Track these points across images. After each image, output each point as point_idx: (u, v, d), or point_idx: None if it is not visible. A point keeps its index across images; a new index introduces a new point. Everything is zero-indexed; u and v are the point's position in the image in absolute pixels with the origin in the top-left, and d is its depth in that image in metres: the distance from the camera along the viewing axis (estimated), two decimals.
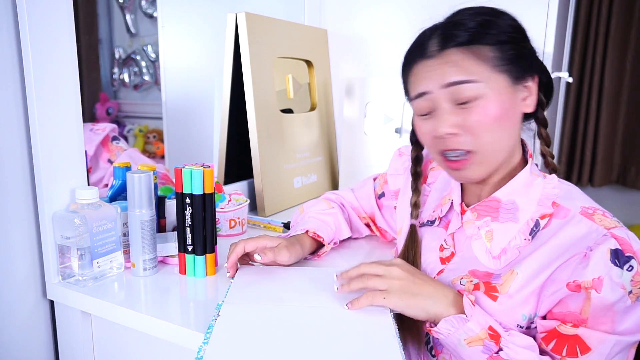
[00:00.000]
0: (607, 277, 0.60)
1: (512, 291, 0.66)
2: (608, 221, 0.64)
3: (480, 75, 0.65)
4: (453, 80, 0.65)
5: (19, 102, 0.79)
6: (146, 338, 0.76)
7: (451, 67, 0.66)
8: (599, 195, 2.25)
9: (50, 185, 0.80)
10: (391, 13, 1.45)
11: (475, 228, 0.72)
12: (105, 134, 1.18)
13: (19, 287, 0.82)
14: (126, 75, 2.59)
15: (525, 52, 0.69)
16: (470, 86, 0.65)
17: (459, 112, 0.66)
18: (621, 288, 0.60)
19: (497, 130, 0.66)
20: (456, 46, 0.66)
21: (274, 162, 1.30)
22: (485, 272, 0.70)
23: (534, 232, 0.68)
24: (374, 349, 0.59)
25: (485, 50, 0.65)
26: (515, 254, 0.68)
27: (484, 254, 0.71)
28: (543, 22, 1.22)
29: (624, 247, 0.61)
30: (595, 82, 2.01)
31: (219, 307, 0.68)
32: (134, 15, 2.53)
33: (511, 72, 0.66)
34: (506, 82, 0.66)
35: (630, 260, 0.60)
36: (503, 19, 0.68)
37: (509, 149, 0.70)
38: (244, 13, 1.20)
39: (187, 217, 0.83)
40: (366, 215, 1.02)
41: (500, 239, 0.70)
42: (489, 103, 0.65)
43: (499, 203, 0.71)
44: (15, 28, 0.77)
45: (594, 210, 0.66)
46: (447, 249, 0.76)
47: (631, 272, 0.60)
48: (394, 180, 0.96)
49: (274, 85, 1.32)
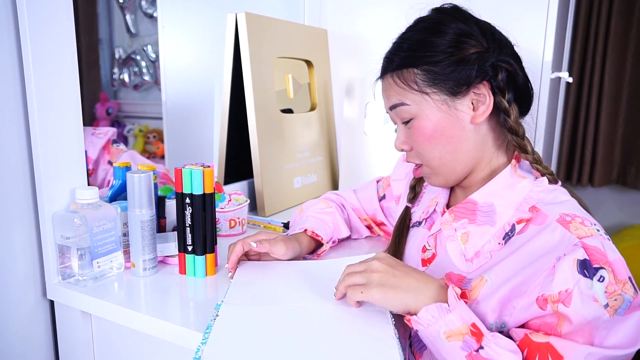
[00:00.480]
0: (576, 288, 0.57)
1: (480, 298, 0.64)
2: (585, 230, 0.61)
3: (408, 98, 0.70)
4: (390, 104, 0.73)
5: (19, 102, 0.79)
6: (146, 338, 0.76)
7: (389, 91, 0.73)
8: (599, 195, 2.25)
9: (50, 185, 0.80)
10: (391, 13, 1.45)
11: (452, 230, 0.72)
12: (108, 138, 1.22)
13: (19, 287, 0.82)
14: (126, 75, 2.59)
15: (464, 62, 0.67)
16: (402, 109, 0.71)
17: (406, 130, 0.73)
18: (593, 301, 0.56)
19: (436, 146, 0.70)
20: (389, 72, 0.72)
21: (274, 162, 1.30)
22: (458, 275, 0.69)
23: (508, 236, 0.66)
24: (373, 349, 0.59)
25: (412, 74, 0.69)
26: (487, 257, 0.67)
27: (457, 256, 0.70)
28: (543, 22, 1.22)
29: (593, 257, 0.57)
30: (595, 82, 2.01)
31: (217, 307, 0.68)
32: (134, 15, 2.53)
33: (446, 88, 0.68)
34: (439, 99, 0.68)
35: (599, 270, 0.57)
36: (440, 35, 0.68)
37: (465, 161, 0.71)
38: (244, 13, 1.20)
39: (187, 217, 0.83)
40: (367, 217, 1.03)
41: (475, 242, 0.69)
42: (422, 122, 0.70)
43: (476, 205, 0.70)
44: (15, 28, 0.77)
45: (572, 218, 0.63)
46: (429, 250, 0.76)
47: (603, 282, 0.56)
48: (396, 185, 0.96)
49: (274, 85, 1.32)
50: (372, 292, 0.62)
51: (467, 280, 0.68)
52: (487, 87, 0.68)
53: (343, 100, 1.53)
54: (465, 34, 0.68)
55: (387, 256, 0.67)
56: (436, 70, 0.67)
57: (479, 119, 0.69)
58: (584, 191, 2.24)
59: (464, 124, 0.69)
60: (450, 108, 0.68)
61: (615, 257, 0.58)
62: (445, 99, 0.68)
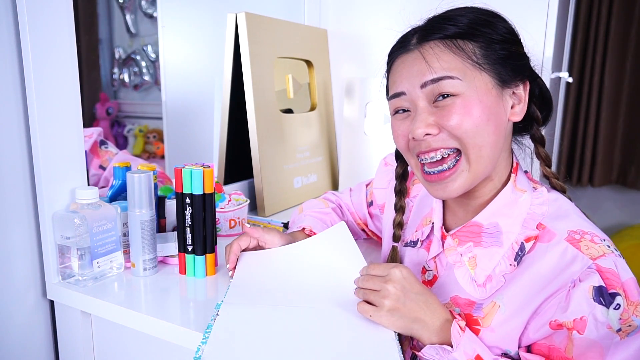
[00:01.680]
0: (590, 316, 0.56)
1: (494, 325, 0.63)
2: (596, 248, 0.59)
3: (460, 72, 0.61)
4: (429, 78, 0.61)
5: (19, 102, 0.79)
6: (146, 338, 0.76)
7: (428, 62, 0.61)
8: (599, 195, 2.25)
9: (50, 185, 0.80)
10: (391, 13, 1.45)
11: (458, 255, 0.68)
12: (94, 141, 1.13)
13: (19, 287, 0.82)
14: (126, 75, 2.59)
15: (517, 55, 0.64)
16: (448, 82, 0.61)
17: (436, 112, 0.62)
18: (607, 328, 0.56)
19: (478, 132, 0.61)
20: (438, 39, 0.62)
21: (274, 162, 1.30)
22: (467, 300, 0.66)
23: (519, 256, 0.63)
24: (373, 351, 0.59)
25: (471, 46, 0.61)
26: (501, 281, 0.64)
27: (468, 283, 0.66)
28: (543, 22, 1.22)
29: (608, 283, 0.56)
30: (595, 82, 2.01)
31: (218, 306, 0.68)
32: (134, 15, 2.53)
33: (498, 73, 0.62)
34: (491, 83, 0.62)
35: (616, 297, 0.56)
36: (498, 21, 0.65)
37: (495, 157, 0.64)
38: (244, 13, 1.20)
39: (187, 217, 0.83)
40: (360, 222, 1.02)
41: (485, 266, 0.65)
42: (471, 101, 0.60)
43: (481, 228, 0.67)
44: (15, 28, 0.77)
45: (581, 235, 0.60)
46: (429, 271, 0.73)
47: (618, 310, 0.55)
48: (379, 194, 0.94)
49: (274, 85, 1.32)
50: (381, 319, 0.62)
51: (478, 305, 0.65)
52: (526, 89, 0.65)
53: (343, 100, 1.53)
54: (515, 32, 0.66)
55: (402, 277, 0.63)
56: (496, 49, 0.62)
57: (516, 117, 0.65)
58: (584, 191, 2.24)
59: (505, 117, 0.64)
60: (500, 95, 0.63)
61: (627, 278, 0.57)
62: (497, 83, 0.62)
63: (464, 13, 0.64)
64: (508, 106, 0.64)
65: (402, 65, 0.65)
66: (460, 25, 0.62)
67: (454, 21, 0.63)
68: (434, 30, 0.63)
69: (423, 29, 0.65)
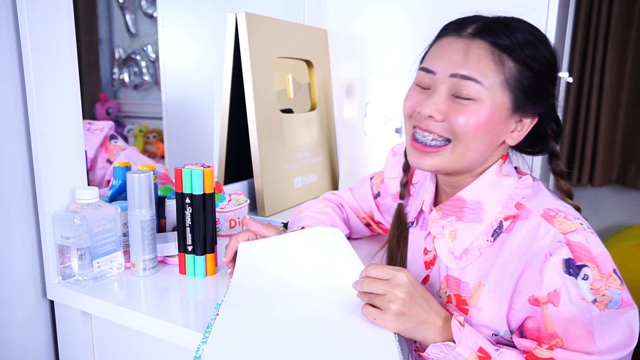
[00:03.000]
0: (563, 288, 0.59)
1: (481, 303, 0.66)
2: (569, 224, 0.62)
3: (489, 81, 0.64)
4: (460, 73, 0.64)
5: (19, 102, 0.79)
6: (146, 338, 0.76)
7: (469, 59, 0.64)
8: (599, 195, 2.25)
9: (50, 185, 0.80)
10: (391, 13, 1.45)
11: (440, 227, 0.72)
12: (105, 135, 1.17)
13: (19, 287, 0.82)
14: (126, 75, 2.59)
15: (543, 91, 0.67)
16: (474, 85, 0.64)
17: (450, 103, 0.66)
18: (581, 299, 0.58)
19: (475, 138, 0.66)
20: (489, 42, 0.64)
21: (274, 162, 1.30)
22: (455, 278, 0.70)
23: (497, 233, 0.67)
24: (372, 352, 0.59)
25: (511, 64, 0.64)
26: (476, 254, 0.67)
27: (446, 254, 0.70)
28: (543, 22, 1.22)
29: (576, 255, 0.59)
30: (595, 82, 2.01)
31: (218, 306, 0.68)
32: (134, 15, 2.53)
33: (518, 99, 0.65)
34: (507, 104, 0.65)
35: (583, 268, 0.58)
36: (543, 47, 0.66)
37: (476, 161, 0.68)
38: (244, 13, 1.20)
39: (187, 217, 0.83)
40: (365, 215, 1.02)
41: (463, 239, 0.69)
42: (482, 110, 0.64)
43: (464, 202, 0.71)
44: (15, 28, 0.77)
45: (556, 213, 0.64)
46: (430, 252, 0.76)
47: (587, 280, 0.58)
48: (391, 184, 0.96)
49: (274, 85, 1.32)
50: (387, 322, 0.63)
51: (464, 284, 0.68)
52: (532, 122, 0.69)
53: (343, 100, 1.53)
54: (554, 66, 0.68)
55: (408, 282, 0.64)
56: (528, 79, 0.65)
57: (510, 142, 0.69)
58: (584, 191, 2.24)
59: (500, 137, 0.68)
60: (507, 117, 0.66)
61: (599, 251, 0.60)
62: (511, 106, 0.66)
63: (522, 28, 0.66)
64: (509, 129, 0.68)
65: (447, 47, 0.67)
66: (514, 40, 0.64)
67: (510, 33, 0.65)
68: (489, 32, 0.65)
69: (483, 24, 0.66)
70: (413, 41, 1.52)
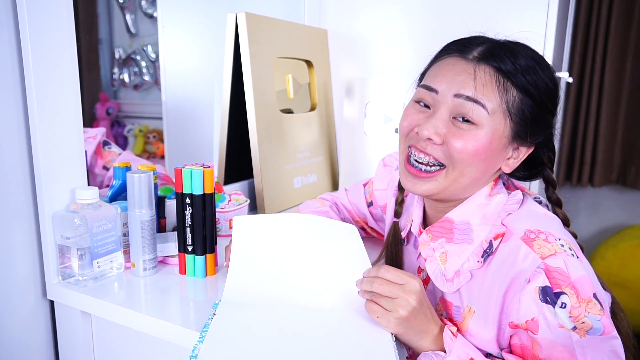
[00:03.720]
0: (541, 317, 0.58)
1: (471, 329, 0.66)
2: (548, 247, 0.60)
3: (492, 106, 0.63)
4: (466, 94, 0.63)
5: (19, 102, 0.79)
6: (146, 338, 0.76)
7: (476, 82, 0.63)
8: (599, 195, 2.25)
9: (50, 185, 0.80)
10: (391, 13, 1.45)
11: (431, 250, 0.71)
12: (98, 142, 1.17)
13: (19, 287, 0.82)
14: (126, 75, 2.59)
15: (541, 119, 0.66)
16: (478, 109, 0.63)
17: (450, 127, 0.64)
18: (559, 327, 0.58)
19: (472, 164, 0.65)
20: (494, 67, 0.63)
21: (274, 162, 1.30)
22: (449, 302, 0.70)
23: (487, 254, 0.66)
24: (369, 350, 0.59)
25: (514, 93, 0.63)
26: (467, 277, 0.67)
27: (438, 277, 0.69)
28: (543, 22, 1.22)
29: (554, 282, 0.58)
30: (595, 82, 2.01)
31: (215, 306, 0.68)
32: (134, 15, 2.52)
33: (518, 128, 0.65)
34: (507, 132, 0.65)
35: (560, 296, 0.57)
36: (545, 73, 0.65)
37: (469, 187, 0.68)
38: (244, 13, 1.20)
39: (187, 217, 0.83)
40: (360, 220, 1.02)
41: (454, 261, 0.68)
42: (482, 136, 0.63)
43: (452, 224, 0.69)
44: (15, 28, 0.77)
45: (536, 235, 0.62)
46: (424, 271, 0.75)
47: (565, 309, 0.57)
48: (379, 196, 0.95)
49: (274, 85, 1.32)
50: (390, 323, 0.62)
51: (456, 308, 0.68)
52: (528, 151, 0.68)
53: (343, 100, 1.53)
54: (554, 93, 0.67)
55: (423, 288, 0.64)
56: (528, 109, 0.64)
57: (506, 169, 0.69)
58: (584, 191, 2.24)
59: (497, 163, 0.68)
60: (504, 145, 0.66)
61: (578, 275, 0.58)
62: (508, 135, 0.65)
63: (525, 54, 0.65)
64: (506, 156, 0.68)
65: (451, 67, 0.66)
66: (517, 67, 0.64)
67: (514, 59, 0.64)
68: (494, 57, 0.64)
69: (488, 48, 0.65)
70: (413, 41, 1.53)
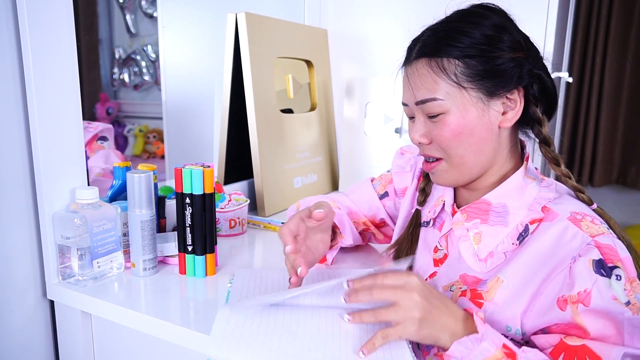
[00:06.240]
0: (594, 288, 0.57)
1: (497, 299, 0.64)
2: (596, 228, 0.62)
3: (443, 92, 0.65)
4: (420, 98, 0.67)
5: (19, 102, 0.79)
6: (146, 338, 0.76)
7: (418, 82, 0.67)
8: (599, 195, 2.25)
9: (50, 185, 0.80)
10: (391, 13, 1.45)
11: (464, 230, 0.71)
12: (94, 133, 1.20)
13: (19, 287, 0.82)
14: (126, 75, 2.59)
15: (501, 65, 0.65)
16: (433, 104, 0.66)
17: (429, 124, 0.69)
18: (613, 299, 0.57)
19: (462, 144, 0.67)
20: (424, 57, 0.67)
21: (274, 162, 1.30)
22: (474, 277, 0.68)
23: (522, 237, 0.66)
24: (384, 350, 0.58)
25: (449, 64, 0.65)
26: (501, 258, 0.67)
27: (470, 256, 0.69)
28: (543, 22, 1.22)
29: (607, 257, 0.58)
30: (595, 82, 2.01)
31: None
32: (134, 15, 2.52)
33: (482, 87, 0.65)
34: (475, 98, 0.65)
35: (615, 269, 0.58)
36: (479, 28, 0.65)
37: (483, 163, 0.69)
38: (244, 13, 1.20)
39: (187, 217, 0.83)
40: (366, 219, 0.97)
41: (489, 242, 0.68)
42: (454, 118, 0.66)
43: (489, 206, 0.70)
44: (15, 28, 0.77)
45: (583, 216, 0.64)
46: (440, 250, 0.76)
47: (620, 281, 0.57)
48: (399, 178, 0.93)
49: (274, 85, 1.32)
50: (409, 330, 0.58)
51: (483, 282, 0.67)
52: (520, 94, 0.67)
53: (343, 100, 1.53)
54: (499, 37, 0.66)
55: (422, 284, 0.60)
56: (477, 66, 0.64)
57: (507, 124, 0.68)
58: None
59: (492, 127, 0.67)
60: (485, 108, 0.66)
61: (625, 255, 0.59)
62: (482, 97, 0.65)
63: (445, 24, 0.67)
64: (498, 114, 0.67)
65: (405, 78, 0.71)
66: (439, 42, 0.66)
67: (435, 36, 0.66)
68: (423, 48, 0.67)
69: (422, 45, 0.68)
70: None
